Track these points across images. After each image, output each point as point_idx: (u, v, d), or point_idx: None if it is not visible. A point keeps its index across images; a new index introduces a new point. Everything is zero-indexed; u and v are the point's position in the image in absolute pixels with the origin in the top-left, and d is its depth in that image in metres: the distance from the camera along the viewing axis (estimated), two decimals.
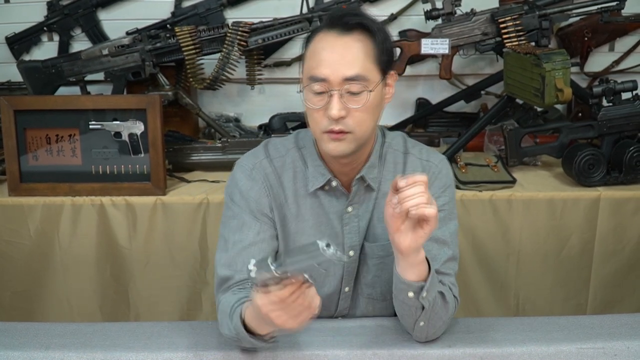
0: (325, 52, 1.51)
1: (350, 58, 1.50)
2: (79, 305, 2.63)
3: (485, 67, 3.22)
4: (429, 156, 1.71)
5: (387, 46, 1.56)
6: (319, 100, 1.52)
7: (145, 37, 2.82)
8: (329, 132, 1.52)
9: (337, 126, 1.51)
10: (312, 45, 1.54)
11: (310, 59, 1.53)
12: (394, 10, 3.13)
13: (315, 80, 1.50)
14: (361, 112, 1.51)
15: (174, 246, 2.56)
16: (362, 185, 1.66)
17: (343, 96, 1.49)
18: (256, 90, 3.20)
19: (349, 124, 1.51)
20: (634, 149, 2.55)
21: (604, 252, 2.56)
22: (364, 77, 1.50)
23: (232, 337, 1.51)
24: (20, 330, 1.68)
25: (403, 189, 1.37)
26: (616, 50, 3.23)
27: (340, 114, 1.49)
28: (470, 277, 2.58)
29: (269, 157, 1.68)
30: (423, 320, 1.54)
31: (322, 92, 1.51)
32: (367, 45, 1.52)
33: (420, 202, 1.36)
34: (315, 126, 1.55)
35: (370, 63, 1.52)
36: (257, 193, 1.65)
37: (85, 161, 2.59)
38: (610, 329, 1.66)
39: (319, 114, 1.53)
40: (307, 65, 1.54)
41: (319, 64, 1.50)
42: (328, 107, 1.50)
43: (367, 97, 1.50)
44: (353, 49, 1.50)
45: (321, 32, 1.54)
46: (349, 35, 1.51)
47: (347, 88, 1.49)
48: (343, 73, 1.49)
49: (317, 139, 1.58)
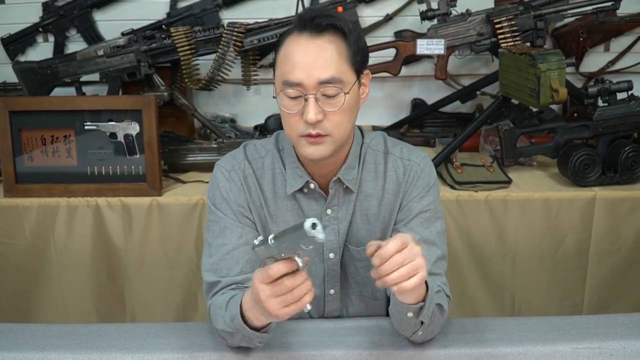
0: (299, 55, 1.47)
1: (324, 60, 1.47)
2: (74, 306, 2.62)
3: (480, 68, 3.23)
4: (410, 155, 1.68)
5: (361, 46, 1.54)
6: (294, 104, 1.49)
7: (141, 38, 2.82)
8: (307, 136, 1.50)
9: (314, 130, 1.49)
10: (284, 49, 1.51)
11: (283, 64, 1.50)
12: (389, 10, 3.14)
13: (290, 85, 1.47)
14: (338, 114, 1.49)
15: (169, 247, 2.56)
16: (341, 187, 1.64)
17: (319, 100, 1.47)
18: (252, 91, 3.20)
19: (327, 127, 1.49)
20: (630, 149, 2.56)
21: (599, 252, 2.57)
22: (339, 79, 1.47)
23: (226, 330, 1.50)
24: (15, 331, 1.67)
25: (379, 267, 1.31)
26: (611, 51, 3.23)
27: (317, 117, 1.46)
28: (466, 278, 2.58)
29: (247, 159, 1.67)
30: (422, 330, 1.53)
31: (297, 96, 1.48)
32: (340, 47, 1.49)
33: (400, 276, 1.31)
34: (291, 131, 1.53)
35: (345, 64, 1.49)
36: (236, 195, 1.64)
37: (81, 162, 2.59)
38: (606, 329, 1.66)
39: (295, 119, 1.50)
40: (280, 70, 1.51)
41: (293, 67, 1.47)
42: (304, 111, 1.47)
43: (343, 100, 1.48)
44: (326, 51, 1.47)
45: (292, 34, 1.51)
46: (321, 37, 1.48)
47: (322, 91, 1.47)
48: (318, 76, 1.46)
49: (294, 143, 1.55)
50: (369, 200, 1.66)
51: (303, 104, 1.48)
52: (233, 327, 1.47)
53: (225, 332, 1.52)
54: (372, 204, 1.66)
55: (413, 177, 1.65)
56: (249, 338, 1.48)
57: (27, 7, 3.15)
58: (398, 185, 1.66)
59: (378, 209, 1.67)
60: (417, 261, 1.32)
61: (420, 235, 1.62)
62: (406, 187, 1.65)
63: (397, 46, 2.85)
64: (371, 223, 1.67)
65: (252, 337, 1.47)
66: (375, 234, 1.68)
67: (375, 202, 1.66)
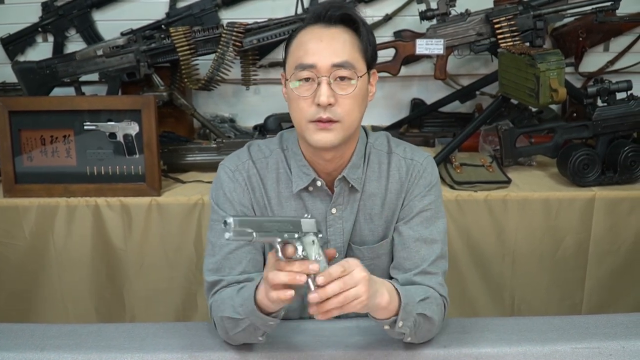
0: (313, 42, 1.50)
1: (337, 46, 1.50)
2: (74, 306, 2.62)
3: (480, 68, 3.22)
4: (413, 155, 1.69)
5: (371, 40, 1.57)
6: (306, 89, 1.51)
7: (140, 38, 2.82)
8: (317, 122, 1.51)
9: (325, 114, 1.49)
10: (297, 39, 1.54)
11: (296, 50, 1.52)
12: (388, 10, 3.14)
13: (303, 67, 1.49)
14: (349, 99, 1.51)
15: (169, 247, 2.56)
16: (346, 186, 1.64)
17: (331, 84, 1.49)
18: (251, 91, 3.20)
19: (338, 112, 1.50)
20: (629, 149, 2.56)
21: (599, 252, 2.57)
22: (352, 64, 1.50)
23: (233, 316, 1.49)
24: (15, 331, 1.68)
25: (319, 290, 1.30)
26: (611, 50, 3.23)
27: (329, 100, 1.48)
28: (465, 278, 2.59)
29: (252, 159, 1.67)
30: (409, 337, 1.53)
31: (310, 78, 1.50)
32: (353, 37, 1.53)
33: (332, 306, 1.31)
34: (300, 116, 1.53)
35: (357, 53, 1.52)
36: (240, 195, 1.64)
37: (80, 162, 2.59)
38: (605, 329, 1.67)
39: (306, 102, 1.51)
40: (292, 57, 1.54)
41: (306, 52, 1.50)
42: (316, 94, 1.49)
43: (356, 84, 1.50)
44: (340, 39, 1.51)
45: (305, 28, 1.54)
46: (335, 27, 1.52)
47: (335, 74, 1.49)
48: (331, 59, 1.49)
49: (303, 130, 1.55)
50: (373, 200, 1.67)
51: (315, 88, 1.49)
52: (242, 313, 1.46)
53: (231, 320, 1.50)
54: (376, 204, 1.67)
55: (415, 176, 1.66)
56: (254, 327, 1.47)
57: (27, 7, 3.15)
58: (401, 184, 1.66)
59: (381, 209, 1.67)
60: (356, 290, 1.32)
61: (422, 235, 1.63)
62: (408, 186, 1.66)
63: (397, 46, 2.85)
64: (374, 222, 1.68)
65: (259, 324, 1.46)
66: (378, 233, 1.68)
67: (379, 202, 1.67)
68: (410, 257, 1.62)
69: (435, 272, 1.62)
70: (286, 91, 1.57)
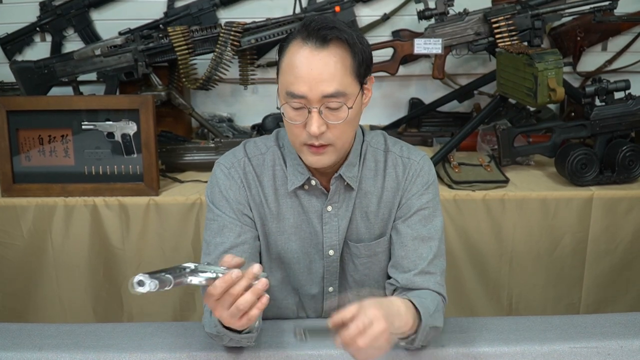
0: (303, 68, 1.46)
1: (328, 74, 1.46)
2: (72, 306, 2.62)
3: (478, 67, 3.23)
4: (409, 153, 1.69)
5: (366, 56, 1.53)
6: (297, 115, 1.50)
7: (138, 37, 2.81)
8: (309, 146, 1.52)
9: (317, 141, 1.50)
10: (288, 58, 1.49)
11: (287, 73, 1.49)
12: (387, 10, 3.14)
13: (294, 96, 1.48)
14: (341, 126, 1.50)
15: (167, 247, 2.56)
16: (342, 184, 1.65)
17: (322, 112, 1.48)
18: (249, 90, 3.20)
19: (329, 138, 1.51)
20: (627, 148, 2.56)
21: (596, 251, 2.57)
22: (343, 92, 1.47)
23: (214, 333, 1.51)
24: (13, 331, 1.67)
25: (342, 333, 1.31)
26: (609, 50, 3.24)
27: (320, 130, 1.47)
28: (463, 277, 2.59)
29: (247, 156, 1.67)
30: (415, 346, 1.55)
31: (301, 107, 1.48)
32: (345, 59, 1.48)
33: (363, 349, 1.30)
34: (295, 139, 1.54)
35: (349, 76, 1.49)
36: (236, 192, 1.64)
37: (78, 162, 2.59)
38: (603, 328, 1.67)
39: (298, 129, 1.51)
40: (283, 79, 1.51)
41: (296, 79, 1.46)
42: (307, 122, 1.48)
43: (347, 113, 1.49)
44: (330, 65, 1.46)
45: (296, 42, 1.49)
46: (326, 50, 1.46)
47: (326, 104, 1.47)
48: (322, 90, 1.46)
49: (297, 150, 1.57)
50: (369, 198, 1.67)
51: (307, 115, 1.48)
52: (219, 331, 1.48)
53: (214, 335, 1.53)
54: (372, 202, 1.67)
55: (412, 175, 1.66)
56: (236, 340, 1.49)
57: (25, 7, 3.15)
58: (397, 183, 1.67)
59: (377, 207, 1.67)
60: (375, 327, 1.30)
61: (420, 233, 1.63)
62: (405, 185, 1.66)
63: (395, 46, 2.85)
64: (370, 220, 1.68)
65: (237, 339, 1.49)
66: (375, 231, 1.69)
67: (375, 200, 1.67)
68: (409, 256, 1.63)
69: (434, 272, 1.62)
70: None
